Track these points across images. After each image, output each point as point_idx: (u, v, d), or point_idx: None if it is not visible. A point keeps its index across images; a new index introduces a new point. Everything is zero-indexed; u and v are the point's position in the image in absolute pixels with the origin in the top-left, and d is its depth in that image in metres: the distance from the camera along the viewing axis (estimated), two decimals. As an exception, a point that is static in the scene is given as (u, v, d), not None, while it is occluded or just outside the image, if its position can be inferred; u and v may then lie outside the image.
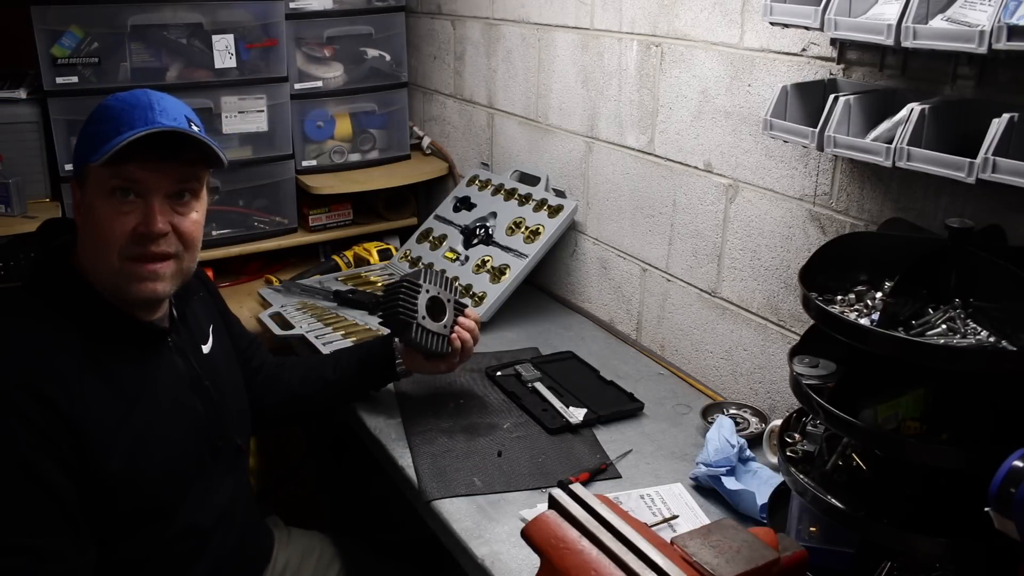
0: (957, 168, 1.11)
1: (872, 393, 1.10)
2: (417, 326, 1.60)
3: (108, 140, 1.16)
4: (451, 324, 1.66)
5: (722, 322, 1.78)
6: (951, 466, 1.06)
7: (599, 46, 2.00)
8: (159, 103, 1.22)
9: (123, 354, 1.25)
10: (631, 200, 1.99)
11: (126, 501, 1.21)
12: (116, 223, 1.20)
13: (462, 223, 2.36)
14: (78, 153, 1.24)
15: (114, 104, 1.22)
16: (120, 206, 1.20)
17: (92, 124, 1.22)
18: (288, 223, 2.61)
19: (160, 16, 2.30)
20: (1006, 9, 1.05)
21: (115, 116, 1.20)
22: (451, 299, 1.69)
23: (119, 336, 1.25)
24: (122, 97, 1.23)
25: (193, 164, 1.25)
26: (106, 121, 1.20)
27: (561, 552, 1.00)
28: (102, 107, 1.23)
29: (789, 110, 1.38)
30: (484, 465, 1.53)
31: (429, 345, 1.61)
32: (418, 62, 2.82)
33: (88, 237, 1.24)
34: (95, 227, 1.21)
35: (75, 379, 1.16)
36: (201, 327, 1.43)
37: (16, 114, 2.26)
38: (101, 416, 1.18)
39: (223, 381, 1.42)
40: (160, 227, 1.21)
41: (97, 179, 1.20)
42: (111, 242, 1.20)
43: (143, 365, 1.27)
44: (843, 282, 1.22)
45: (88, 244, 1.24)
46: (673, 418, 1.71)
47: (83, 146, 1.22)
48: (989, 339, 1.06)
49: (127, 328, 1.26)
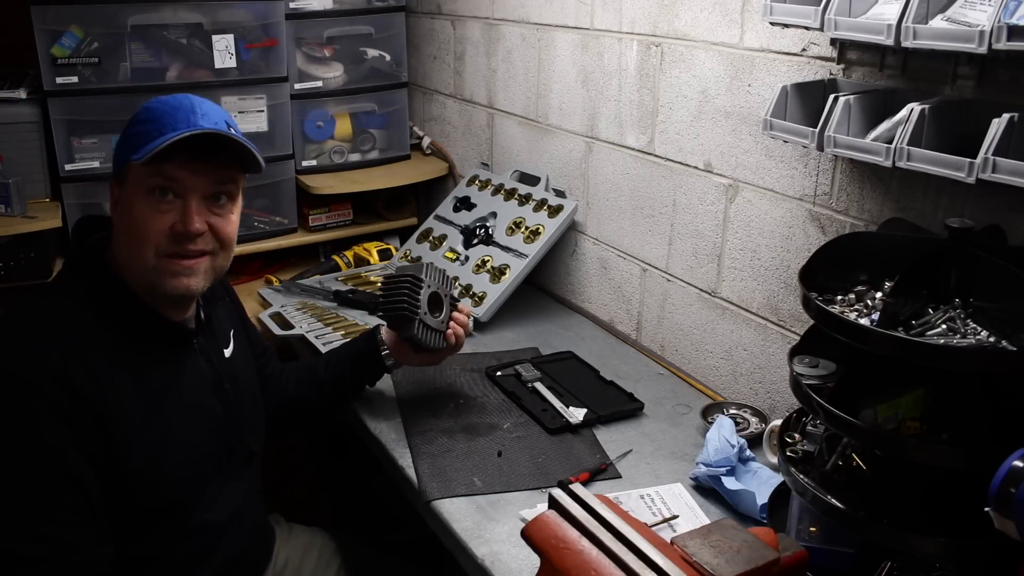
0: (957, 168, 1.11)
1: (872, 393, 1.10)
2: (419, 322, 1.60)
3: (151, 140, 1.19)
4: (447, 319, 1.67)
5: (722, 322, 1.78)
6: (951, 466, 1.06)
7: (599, 46, 2.00)
8: (200, 107, 1.25)
9: (152, 353, 1.27)
10: (631, 200, 1.99)
11: (144, 498, 1.23)
12: (154, 221, 1.22)
13: (462, 223, 2.36)
14: (119, 152, 1.25)
15: (157, 106, 1.24)
16: (159, 204, 1.22)
17: (135, 124, 1.24)
18: (288, 223, 2.61)
19: (160, 16, 2.30)
20: (1006, 9, 1.05)
21: (158, 117, 1.22)
22: (448, 294, 1.69)
23: (149, 335, 1.27)
24: (165, 100, 1.25)
25: (230, 167, 1.28)
26: (149, 122, 1.22)
27: (561, 552, 1.00)
28: (145, 108, 1.25)
29: (789, 110, 1.38)
30: (484, 465, 1.53)
31: (427, 340, 1.62)
32: (418, 62, 2.82)
33: (124, 234, 1.26)
34: (132, 224, 1.23)
35: (105, 374, 1.18)
36: (224, 331, 1.45)
37: (16, 114, 2.26)
38: (128, 412, 1.20)
39: (242, 386, 1.44)
40: (197, 226, 1.23)
41: (137, 177, 1.22)
42: (148, 239, 1.22)
43: (170, 365, 1.29)
44: (843, 282, 1.22)
45: (124, 240, 1.26)
46: (673, 418, 1.71)
47: (125, 145, 1.24)
48: (989, 339, 1.06)
49: (157, 327, 1.28)
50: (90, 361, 1.17)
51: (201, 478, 1.32)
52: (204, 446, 1.32)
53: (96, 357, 1.18)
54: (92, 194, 2.31)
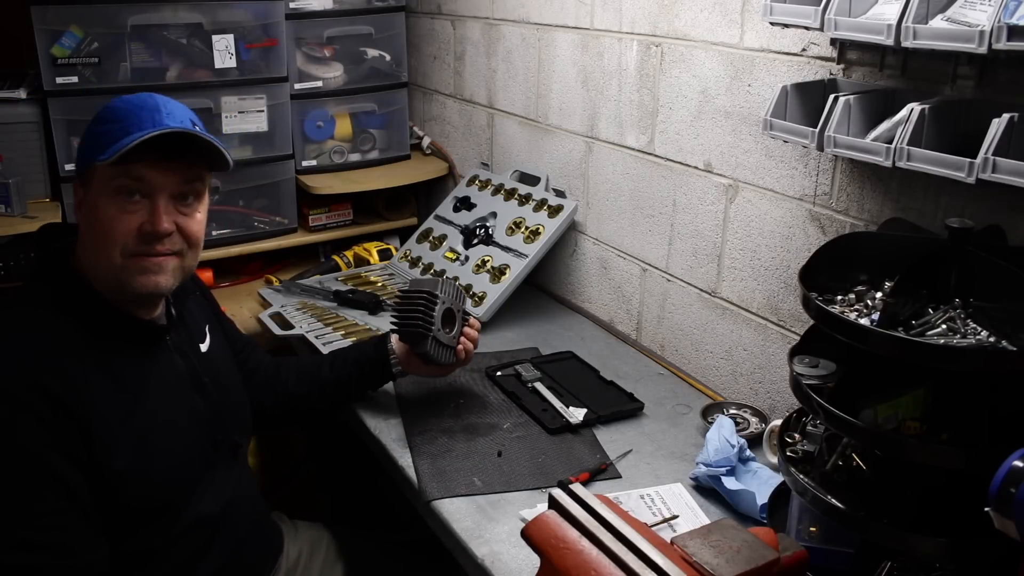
0: (957, 168, 1.11)
1: (872, 393, 1.10)
2: (432, 338, 1.62)
3: (116, 140, 1.18)
4: (459, 335, 1.68)
5: (722, 322, 1.78)
6: (951, 466, 1.06)
7: (599, 46, 2.00)
8: (165, 106, 1.24)
9: (124, 352, 1.26)
10: (631, 200, 1.99)
11: (132, 497, 1.22)
12: (121, 221, 1.21)
13: (462, 223, 2.36)
14: (83, 152, 1.24)
15: (121, 106, 1.23)
16: (126, 205, 1.21)
17: (99, 124, 1.23)
18: (288, 223, 2.61)
19: (160, 16, 2.30)
20: (1006, 9, 1.05)
21: (123, 117, 1.21)
22: (460, 309, 1.70)
23: (120, 334, 1.26)
24: (128, 99, 1.24)
25: (198, 166, 1.27)
26: (114, 121, 1.21)
27: (561, 552, 1.00)
28: (109, 108, 1.24)
29: (789, 110, 1.38)
30: (484, 465, 1.53)
31: (439, 356, 1.64)
32: (418, 62, 2.82)
33: (90, 235, 1.25)
34: (99, 225, 1.22)
35: (80, 378, 1.17)
36: (199, 326, 1.45)
37: (16, 114, 2.26)
38: (107, 414, 1.19)
39: (222, 379, 1.43)
40: (166, 226, 1.23)
41: (103, 178, 1.21)
42: (115, 240, 1.21)
43: (144, 363, 1.29)
44: (843, 282, 1.22)
45: (89, 242, 1.25)
46: (673, 418, 1.71)
47: (89, 145, 1.23)
48: (989, 339, 1.06)
49: (127, 326, 1.27)
50: (64, 366, 1.16)
51: (189, 473, 1.31)
52: (188, 441, 1.32)
53: (69, 362, 1.17)
54: (92, 194, 2.30)
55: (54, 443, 1.14)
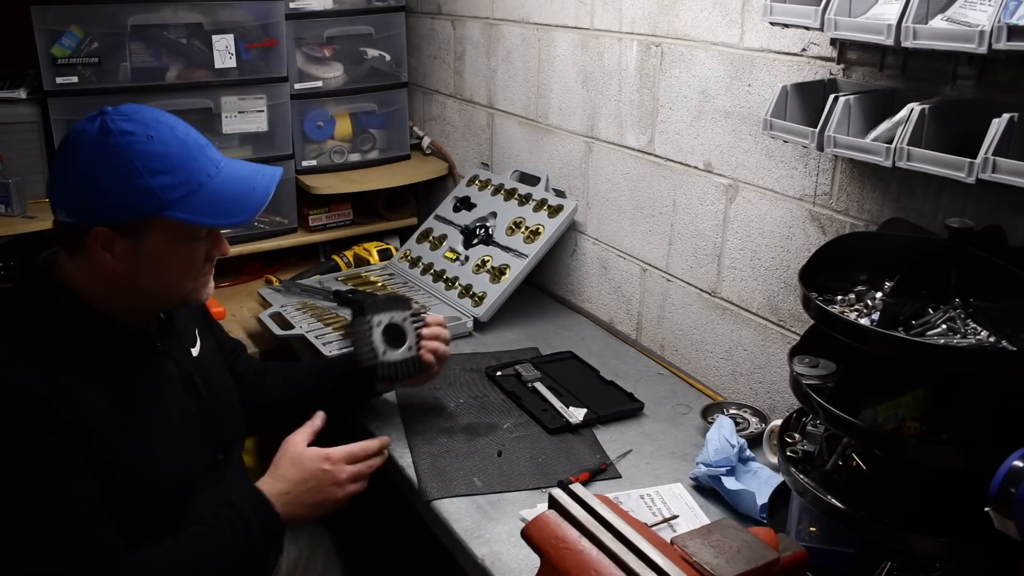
0: (957, 168, 1.11)
1: (872, 393, 1.10)
2: (380, 365, 1.57)
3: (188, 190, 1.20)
4: (415, 342, 1.62)
5: (722, 322, 1.78)
6: (951, 466, 1.06)
7: (599, 46, 2.00)
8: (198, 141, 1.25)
9: (119, 362, 1.26)
10: (631, 200, 1.99)
11: (134, 503, 1.22)
12: (195, 259, 1.27)
13: (462, 223, 2.36)
14: (132, 201, 1.18)
15: (163, 151, 1.19)
16: (195, 244, 1.26)
17: (149, 176, 1.18)
18: (288, 223, 2.61)
19: (160, 16, 2.30)
20: (1006, 9, 1.05)
21: (179, 165, 1.20)
22: (407, 317, 1.63)
23: (113, 344, 1.26)
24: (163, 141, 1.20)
25: None
26: (169, 172, 1.19)
27: (561, 552, 1.00)
28: (150, 155, 1.18)
29: (789, 110, 1.38)
30: (484, 465, 1.53)
31: (399, 374, 1.60)
32: (418, 62, 2.82)
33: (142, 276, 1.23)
34: (166, 269, 1.25)
35: (77, 389, 1.17)
36: (188, 331, 1.45)
37: (16, 114, 2.26)
38: (105, 424, 1.18)
39: (214, 382, 1.43)
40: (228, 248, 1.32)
41: (171, 228, 1.22)
42: (189, 275, 1.27)
43: (137, 372, 1.28)
44: (843, 282, 1.22)
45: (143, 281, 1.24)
46: (673, 418, 1.71)
47: (142, 197, 1.18)
48: (989, 339, 1.06)
49: (120, 336, 1.27)
50: (60, 378, 1.16)
51: (187, 476, 1.31)
52: (184, 444, 1.31)
53: (65, 373, 1.17)
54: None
55: (57, 450, 1.13)
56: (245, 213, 1.25)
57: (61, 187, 1.21)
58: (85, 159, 1.18)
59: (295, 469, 1.38)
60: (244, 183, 1.27)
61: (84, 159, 1.18)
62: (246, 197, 1.26)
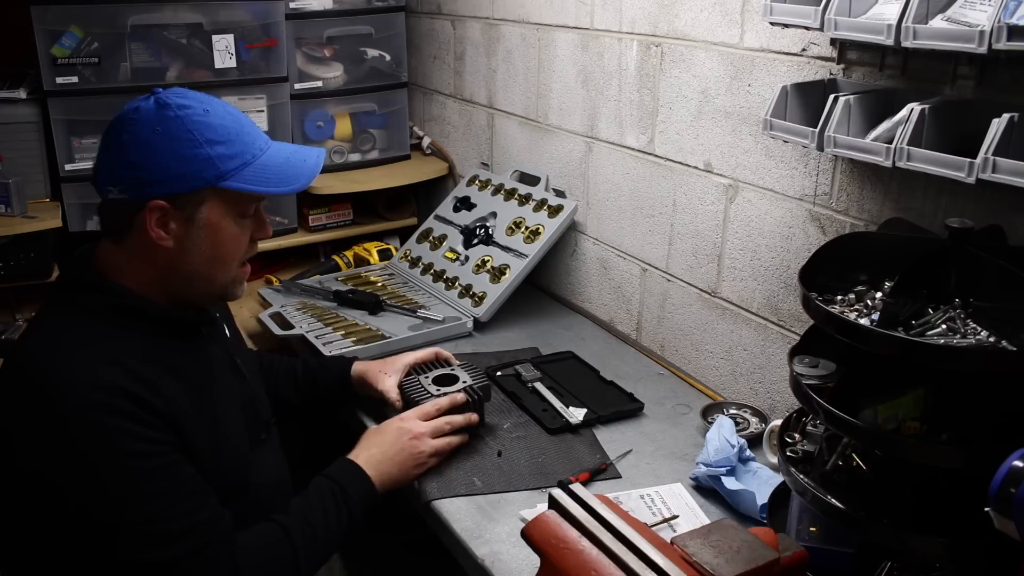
0: (957, 168, 1.11)
1: (872, 393, 1.10)
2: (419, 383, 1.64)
3: (244, 160, 1.23)
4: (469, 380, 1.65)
5: (722, 322, 1.78)
6: (951, 466, 1.06)
7: (599, 46, 2.00)
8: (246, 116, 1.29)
9: (177, 349, 1.27)
10: (631, 200, 1.99)
11: (213, 484, 1.24)
12: (243, 238, 1.30)
13: (462, 223, 2.36)
14: (188, 172, 1.20)
15: (218, 123, 1.22)
16: (243, 221, 1.29)
17: (211, 145, 1.20)
18: (288, 223, 2.61)
19: (160, 16, 2.30)
20: (1006, 9, 1.05)
21: (234, 136, 1.23)
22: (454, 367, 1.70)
23: (166, 332, 1.27)
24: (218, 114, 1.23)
25: None
26: (227, 142, 1.22)
27: (561, 552, 1.00)
28: (208, 126, 1.21)
29: (789, 110, 1.38)
30: (484, 465, 1.53)
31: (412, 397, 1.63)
32: (418, 62, 2.82)
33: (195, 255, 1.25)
34: (220, 245, 1.27)
35: (156, 381, 1.18)
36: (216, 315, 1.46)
37: (16, 114, 2.26)
38: (184, 411, 1.20)
39: (247, 363, 1.47)
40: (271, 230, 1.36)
41: (226, 199, 1.24)
42: (237, 254, 1.30)
43: (195, 357, 1.30)
44: (843, 282, 1.22)
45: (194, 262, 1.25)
46: (673, 418, 1.71)
47: (201, 166, 1.20)
48: (989, 339, 1.06)
49: (171, 323, 1.28)
50: (138, 372, 1.17)
51: (246, 460, 1.34)
52: (239, 425, 1.34)
53: (141, 367, 1.18)
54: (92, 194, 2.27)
55: (158, 440, 1.16)
56: (300, 180, 1.29)
57: (115, 163, 1.21)
58: (144, 132, 1.19)
59: (374, 436, 1.50)
60: (295, 155, 1.32)
61: (143, 132, 1.19)
62: (299, 167, 1.30)
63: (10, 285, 2.25)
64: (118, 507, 1.13)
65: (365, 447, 1.47)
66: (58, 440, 1.12)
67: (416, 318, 2.10)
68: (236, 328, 1.56)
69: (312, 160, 1.32)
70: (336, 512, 1.35)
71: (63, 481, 1.12)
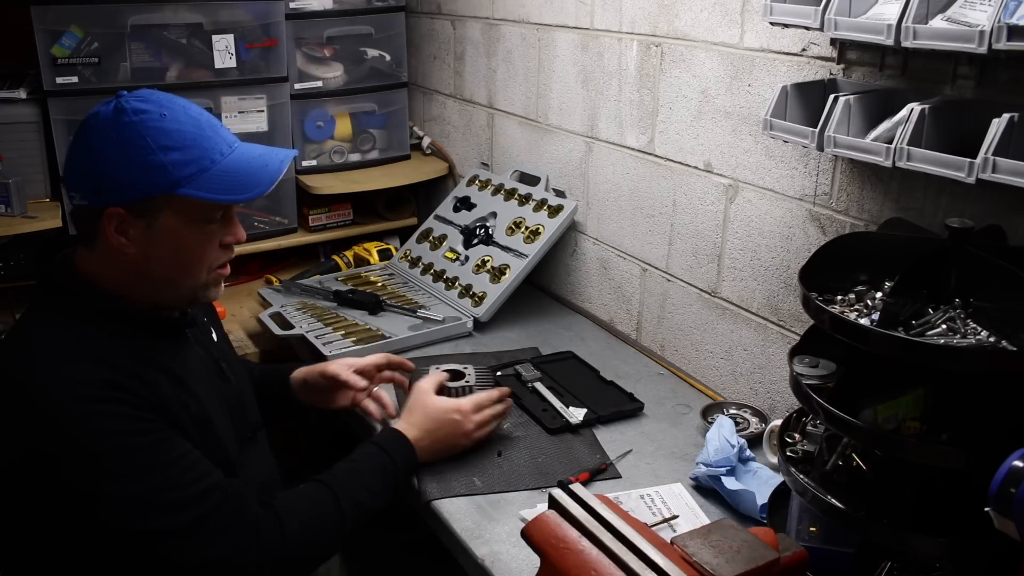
0: (957, 168, 1.11)
1: (872, 393, 1.10)
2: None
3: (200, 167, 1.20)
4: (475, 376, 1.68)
5: (722, 322, 1.78)
6: (951, 466, 1.06)
7: (599, 46, 2.00)
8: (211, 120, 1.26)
9: (160, 350, 1.27)
10: (631, 200, 1.99)
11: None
12: (210, 244, 1.26)
13: (462, 223, 2.36)
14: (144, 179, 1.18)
15: (174, 128, 1.20)
16: (208, 227, 1.25)
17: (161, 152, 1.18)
18: (288, 223, 2.61)
19: (160, 16, 2.30)
20: (1006, 9, 1.05)
21: (190, 142, 1.20)
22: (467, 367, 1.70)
23: (148, 333, 1.26)
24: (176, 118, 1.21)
25: None
26: (181, 148, 1.19)
27: (561, 552, 1.00)
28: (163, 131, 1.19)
29: (789, 110, 1.38)
30: (484, 465, 1.53)
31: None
32: (418, 62, 2.82)
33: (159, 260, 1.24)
34: (183, 252, 1.24)
35: (143, 375, 1.19)
36: (203, 319, 1.47)
37: (16, 114, 2.26)
38: (172, 402, 1.21)
39: (234, 367, 1.47)
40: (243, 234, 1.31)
41: (185, 207, 1.21)
42: (204, 260, 1.26)
43: (179, 358, 1.30)
44: (843, 282, 1.22)
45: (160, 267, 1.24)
46: (673, 418, 1.71)
47: (155, 174, 1.18)
48: (989, 339, 1.06)
49: (152, 324, 1.27)
50: (124, 367, 1.17)
51: (232, 456, 1.34)
52: (226, 428, 1.34)
53: (126, 363, 1.18)
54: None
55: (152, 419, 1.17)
56: (258, 187, 1.24)
57: (76, 169, 1.21)
58: (99, 138, 1.19)
59: (427, 418, 1.50)
60: (258, 160, 1.27)
61: (98, 138, 1.19)
62: (259, 172, 1.25)
63: (10, 285, 2.25)
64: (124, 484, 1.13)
65: (418, 425, 1.49)
66: (51, 435, 1.11)
67: (416, 318, 2.10)
68: (224, 333, 1.55)
69: (274, 165, 1.27)
70: (383, 479, 1.39)
71: (63, 473, 1.12)
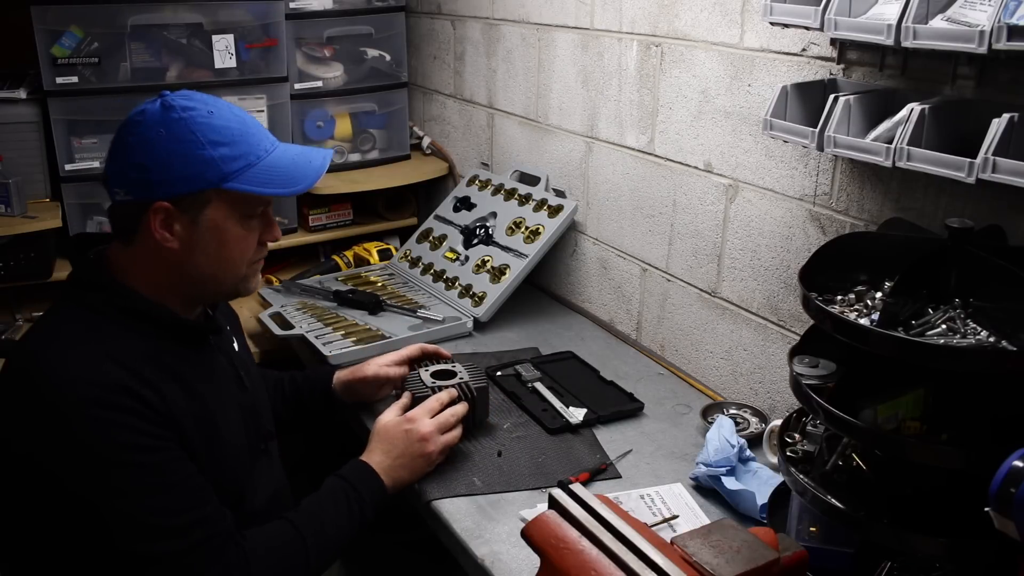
0: (957, 168, 1.11)
1: (872, 393, 1.10)
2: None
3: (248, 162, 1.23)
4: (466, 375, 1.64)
5: (722, 322, 1.78)
6: (951, 466, 1.06)
7: (599, 46, 2.00)
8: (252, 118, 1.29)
9: (181, 355, 1.27)
10: (631, 200, 1.99)
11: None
12: (250, 239, 1.29)
13: (462, 223, 2.36)
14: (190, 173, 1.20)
15: (222, 124, 1.22)
16: (250, 223, 1.28)
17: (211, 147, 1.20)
18: (288, 223, 2.61)
19: (160, 16, 2.30)
20: (1006, 9, 1.05)
21: (238, 138, 1.23)
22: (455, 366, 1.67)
23: (171, 336, 1.27)
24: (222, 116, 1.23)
25: None
26: (229, 143, 1.22)
27: (561, 552, 1.00)
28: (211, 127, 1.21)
29: (789, 110, 1.38)
30: (484, 465, 1.53)
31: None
32: (418, 62, 2.82)
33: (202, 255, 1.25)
34: (225, 247, 1.26)
35: (158, 382, 1.19)
36: (226, 327, 1.47)
37: (16, 114, 2.26)
38: (184, 414, 1.21)
39: (253, 377, 1.47)
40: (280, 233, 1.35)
41: (230, 201, 1.23)
42: (244, 256, 1.29)
43: (199, 364, 1.30)
44: (843, 282, 1.22)
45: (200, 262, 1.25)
46: (673, 418, 1.71)
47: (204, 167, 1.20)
48: (989, 339, 1.06)
49: (177, 328, 1.28)
50: (141, 372, 1.17)
51: (245, 469, 1.34)
52: (241, 438, 1.34)
53: (143, 367, 1.18)
54: (92, 194, 2.31)
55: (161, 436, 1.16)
56: (304, 181, 1.28)
57: (122, 165, 1.22)
58: (149, 134, 1.20)
59: (380, 440, 1.49)
60: (300, 157, 1.31)
61: (147, 134, 1.20)
62: (304, 168, 1.29)
63: (10, 285, 2.25)
64: (117, 499, 1.13)
65: (376, 450, 1.47)
66: (58, 434, 1.12)
67: (416, 318, 2.10)
68: (245, 343, 1.56)
69: (318, 162, 1.32)
70: (348, 512, 1.37)
71: (63, 473, 1.12)
